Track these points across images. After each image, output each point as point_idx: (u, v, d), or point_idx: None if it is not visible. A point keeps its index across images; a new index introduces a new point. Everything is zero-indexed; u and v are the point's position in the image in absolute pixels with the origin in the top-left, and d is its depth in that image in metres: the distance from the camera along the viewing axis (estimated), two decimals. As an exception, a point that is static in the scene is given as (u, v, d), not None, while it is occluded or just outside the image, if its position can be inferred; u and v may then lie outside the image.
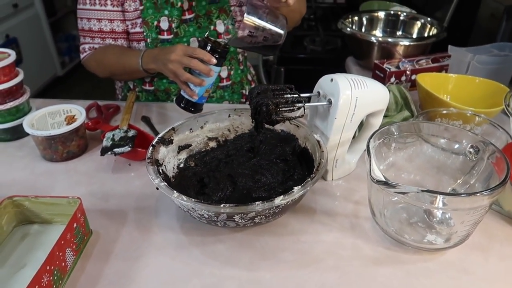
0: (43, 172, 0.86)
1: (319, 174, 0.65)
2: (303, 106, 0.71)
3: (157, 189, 0.64)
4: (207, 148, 0.84)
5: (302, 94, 0.73)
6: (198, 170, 0.80)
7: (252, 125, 0.84)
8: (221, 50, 0.84)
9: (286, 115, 0.72)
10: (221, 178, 0.75)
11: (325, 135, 0.78)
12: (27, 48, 2.84)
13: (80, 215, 0.66)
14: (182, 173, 0.77)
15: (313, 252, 0.67)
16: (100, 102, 1.11)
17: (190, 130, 0.81)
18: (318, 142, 0.73)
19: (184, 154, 0.81)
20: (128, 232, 0.71)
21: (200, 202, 0.59)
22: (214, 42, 0.86)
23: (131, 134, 0.88)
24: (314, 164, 0.72)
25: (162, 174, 0.70)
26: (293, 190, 0.61)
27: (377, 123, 0.81)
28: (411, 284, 0.61)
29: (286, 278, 0.62)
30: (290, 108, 0.71)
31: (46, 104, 1.09)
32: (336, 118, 0.74)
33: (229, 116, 0.84)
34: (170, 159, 0.77)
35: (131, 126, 0.93)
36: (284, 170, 0.77)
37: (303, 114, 0.72)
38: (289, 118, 0.71)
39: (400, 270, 0.63)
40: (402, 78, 1.19)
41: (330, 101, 0.74)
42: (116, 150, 0.83)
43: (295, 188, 0.62)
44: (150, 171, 0.66)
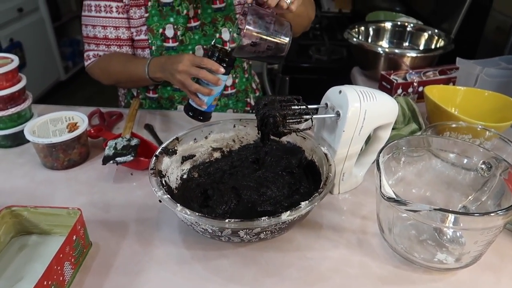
0: (43, 180, 0.84)
1: (327, 189, 0.63)
2: (311, 118, 0.70)
3: (160, 201, 0.62)
4: (211, 158, 0.82)
5: (309, 105, 0.72)
6: (202, 181, 0.78)
7: (257, 136, 0.83)
8: (228, 59, 0.83)
9: (293, 127, 0.70)
10: (225, 190, 0.73)
11: (332, 148, 0.76)
12: (31, 52, 2.84)
13: (80, 227, 0.64)
14: (185, 184, 0.76)
15: (319, 269, 0.64)
16: (102, 109, 1.10)
17: (195, 140, 0.79)
18: (326, 155, 0.71)
19: (187, 165, 0.79)
20: (129, 244, 0.69)
21: (204, 216, 0.57)
22: (220, 50, 0.85)
23: (134, 143, 0.86)
24: (321, 177, 0.70)
25: (165, 185, 0.68)
26: (300, 206, 0.59)
27: (385, 136, 0.80)
28: (422, 305, 0.59)
29: (291, 296, 0.60)
30: (297, 120, 0.69)
31: (48, 110, 1.07)
32: (344, 131, 0.72)
33: (234, 126, 0.83)
34: (173, 170, 0.75)
35: (134, 135, 0.91)
36: (290, 183, 0.75)
37: (311, 127, 0.70)
38: (296, 130, 0.69)
39: (409, 290, 0.61)
40: (409, 89, 1.17)
41: (338, 113, 0.72)
42: (118, 159, 0.81)
43: (302, 203, 0.60)
44: (153, 183, 0.64)
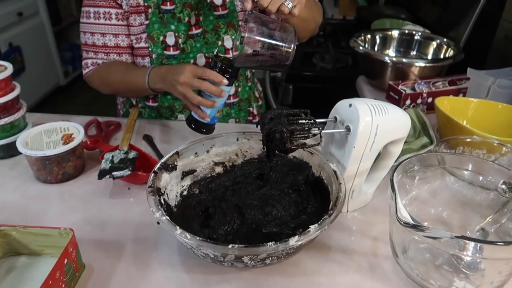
0: (36, 194, 0.80)
1: (337, 210, 0.59)
2: (320, 134, 0.66)
3: (158, 223, 0.58)
4: (213, 173, 0.78)
5: (317, 119, 0.68)
6: (203, 198, 0.74)
7: (261, 150, 0.79)
8: (232, 70, 0.79)
9: (300, 142, 0.66)
10: (227, 209, 0.69)
11: (341, 164, 0.72)
12: (30, 56, 2.81)
13: (72, 249, 0.59)
14: (185, 201, 0.71)
15: (328, 296, 0.60)
16: (100, 118, 1.06)
17: (195, 154, 0.75)
18: (335, 173, 0.67)
19: (188, 181, 0.75)
20: (124, 267, 0.64)
21: (205, 241, 0.53)
22: (223, 60, 0.81)
23: (132, 156, 0.82)
24: (330, 196, 0.66)
25: (163, 204, 0.64)
26: (309, 230, 0.55)
27: (396, 152, 0.75)
28: (440, 339, 0.55)
29: (299, 328, 0.55)
30: (305, 135, 0.65)
31: (43, 119, 1.04)
32: (354, 147, 0.68)
33: (237, 139, 0.79)
34: (173, 186, 0.71)
35: (132, 147, 0.87)
36: (296, 202, 0.71)
37: (320, 142, 0.66)
38: (304, 147, 0.65)
39: (426, 322, 0.57)
40: (418, 100, 1.13)
41: (348, 128, 0.68)
42: (115, 173, 0.77)
43: (312, 227, 0.56)
44: (151, 203, 0.60)
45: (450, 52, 1.31)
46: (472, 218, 0.69)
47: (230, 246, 0.52)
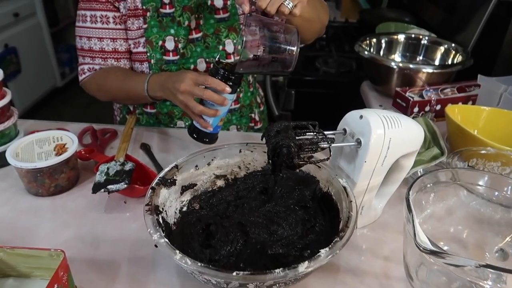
0: (26, 208, 0.76)
1: (349, 232, 0.55)
2: (329, 148, 0.62)
3: (156, 246, 0.53)
4: (214, 187, 0.74)
5: (324, 130, 0.64)
6: (204, 214, 0.69)
7: (265, 162, 0.75)
8: (235, 77, 0.75)
9: (308, 155, 0.62)
10: (230, 227, 0.65)
11: (351, 179, 0.67)
12: (27, 58, 2.76)
13: (63, 273, 0.55)
14: (185, 218, 0.67)
15: (339, 324, 0.56)
16: (95, 126, 1.01)
17: (196, 167, 0.71)
18: (345, 189, 0.63)
19: (187, 195, 0.70)
20: (119, 291, 0.60)
21: (207, 267, 0.49)
22: (225, 66, 0.77)
23: (128, 167, 0.78)
24: (340, 214, 0.62)
25: (162, 224, 0.59)
26: (319, 254, 0.51)
27: (408, 165, 0.71)
28: None
29: None
30: (314, 148, 0.61)
31: (36, 126, 0.99)
32: (366, 162, 0.63)
33: (240, 151, 0.74)
34: (171, 203, 0.66)
35: (129, 157, 0.83)
36: (303, 220, 0.66)
37: (329, 157, 0.62)
38: (313, 162, 0.61)
39: None
40: (426, 108, 1.09)
41: (359, 141, 0.64)
42: (110, 187, 0.73)
43: (322, 251, 0.51)
44: (148, 223, 0.56)
45: (459, 57, 1.27)
46: (490, 237, 0.65)
47: (235, 274, 0.48)
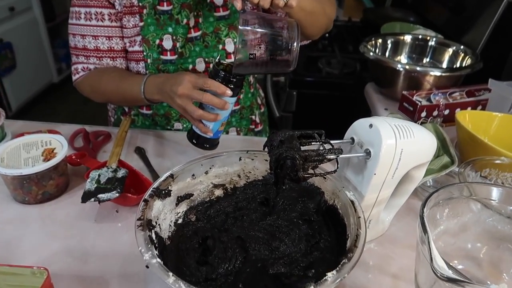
0: (12, 218, 0.71)
1: (358, 253, 0.50)
2: (336, 159, 0.57)
3: (147, 267, 0.49)
4: (212, 197, 0.69)
5: (330, 138, 0.59)
6: (200, 226, 0.65)
7: (267, 171, 0.70)
8: (236, 79, 0.70)
9: (313, 166, 0.57)
10: (229, 242, 0.60)
11: (358, 192, 0.63)
12: (23, 53, 2.70)
13: (45, 294, 0.51)
14: (180, 231, 0.63)
15: None
16: (88, 127, 0.97)
17: (193, 176, 0.67)
18: (353, 203, 0.58)
19: (183, 207, 0.66)
20: (108, 311, 0.56)
21: (203, 293, 0.44)
22: (226, 67, 0.73)
23: (121, 174, 0.73)
24: (347, 231, 0.58)
25: (155, 240, 0.55)
26: (326, 279, 0.47)
27: (419, 176, 0.67)
28: None
29: None
30: (320, 159, 0.57)
31: (25, 128, 0.95)
32: (375, 174, 0.59)
33: (240, 159, 0.70)
34: (166, 215, 0.62)
35: (122, 163, 0.78)
36: (307, 235, 0.62)
37: (336, 170, 0.58)
38: (319, 175, 0.57)
39: None
40: (434, 113, 1.05)
41: (368, 151, 0.60)
42: (100, 196, 0.68)
43: (329, 274, 0.47)
44: (139, 240, 0.51)
45: (468, 60, 1.23)
46: (507, 255, 0.60)
47: (233, 301, 0.44)
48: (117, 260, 0.63)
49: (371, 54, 1.22)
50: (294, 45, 0.67)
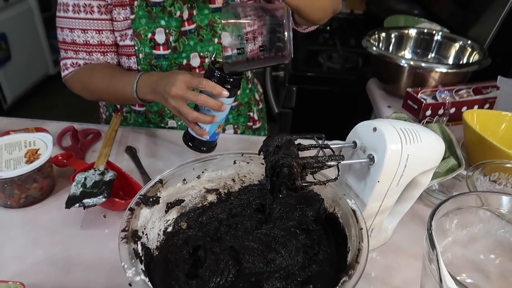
0: (-7, 223, 0.67)
1: (360, 269, 0.46)
2: (337, 166, 0.53)
3: (130, 285, 0.45)
4: (205, 203, 0.65)
5: (329, 141, 0.55)
6: (192, 234, 0.61)
7: (263, 175, 0.66)
8: (233, 78, 0.66)
9: (313, 172, 0.53)
10: (221, 253, 0.56)
11: (360, 199, 0.59)
12: (17, 44, 2.65)
13: (21, 312, 0.47)
14: (169, 240, 0.59)
15: None
16: (77, 125, 0.92)
17: (184, 181, 0.62)
18: (354, 213, 0.54)
19: (173, 213, 0.62)
20: (90, 328, 0.52)
21: (190, 316, 0.40)
22: (222, 66, 0.68)
23: (109, 177, 0.69)
24: (348, 242, 0.54)
25: (142, 251, 0.51)
26: (325, 299, 0.43)
27: (425, 182, 0.63)
28: None
29: None
30: (320, 166, 0.52)
31: (11, 125, 0.91)
32: (379, 181, 0.55)
33: (234, 162, 0.66)
34: (154, 223, 0.58)
35: (110, 165, 0.74)
36: (305, 246, 0.58)
37: (337, 177, 0.54)
38: (318, 183, 0.53)
39: None
40: (440, 111, 1.00)
41: (371, 157, 0.55)
42: (86, 201, 0.64)
43: (328, 295, 0.43)
44: (123, 254, 0.47)
45: (475, 56, 1.18)
46: (518, 270, 0.57)
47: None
48: (102, 270, 0.60)
49: (374, 48, 1.18)
50: (285, 34, 0.62)
